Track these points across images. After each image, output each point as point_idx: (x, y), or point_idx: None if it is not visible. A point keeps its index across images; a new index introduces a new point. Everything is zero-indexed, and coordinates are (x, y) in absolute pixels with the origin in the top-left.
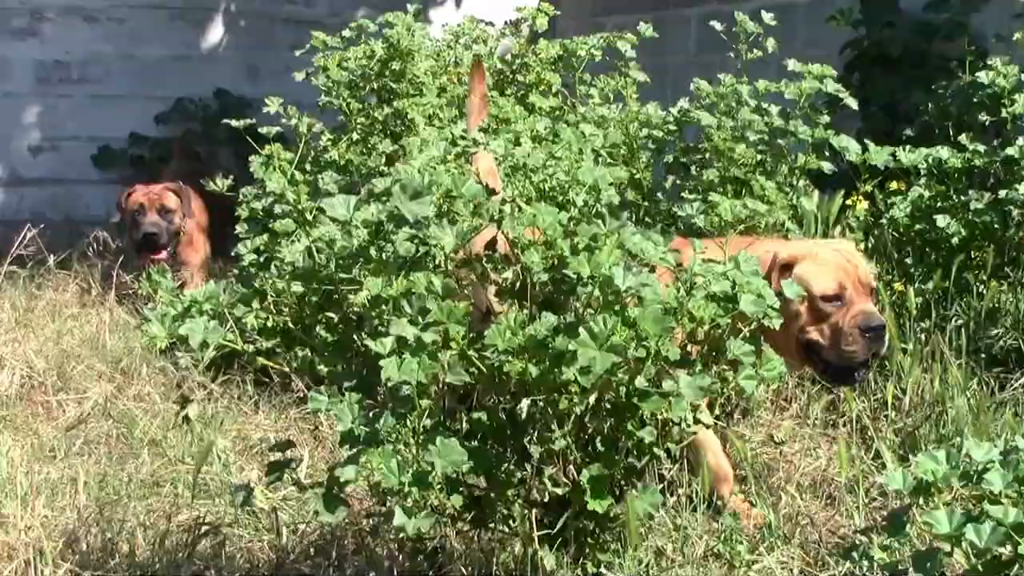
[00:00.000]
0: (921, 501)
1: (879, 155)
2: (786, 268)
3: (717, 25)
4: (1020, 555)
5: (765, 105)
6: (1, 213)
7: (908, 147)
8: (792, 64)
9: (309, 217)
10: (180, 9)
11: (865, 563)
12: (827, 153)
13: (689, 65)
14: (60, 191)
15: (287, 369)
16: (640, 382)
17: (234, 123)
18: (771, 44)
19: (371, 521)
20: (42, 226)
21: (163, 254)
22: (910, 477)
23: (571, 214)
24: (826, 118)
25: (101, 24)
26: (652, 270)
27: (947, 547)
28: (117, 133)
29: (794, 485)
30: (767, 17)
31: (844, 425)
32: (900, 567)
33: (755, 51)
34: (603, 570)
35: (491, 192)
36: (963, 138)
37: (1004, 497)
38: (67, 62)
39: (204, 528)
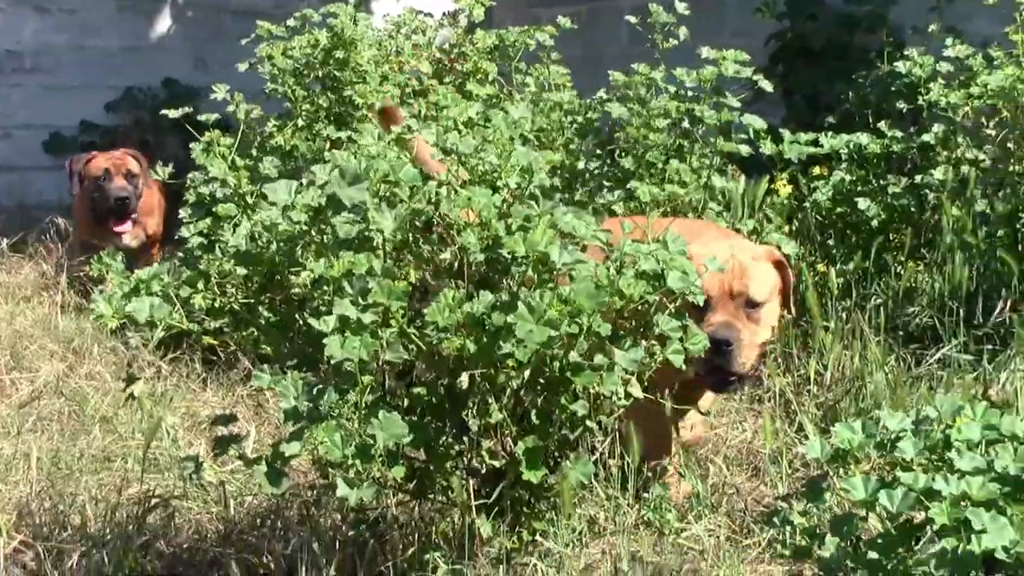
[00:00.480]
0: (839, 469)
1: (792, 147)
2: None
3: (632, 19)
4: (930, 519)
5: (669, 89)
6: None
7: (829, 133)
8: (706, 51)
9: (250, 200)
10: (131, 2)
11: (787, 528)
12: (748, 137)
13: (621, 56)
14: (13, 178)
15: (234, 348)
16: (573, 356)
17: (171, 113)
18: (683, 32)
19: (315, 493)
20: None
21: (128, 223)
22: (828, 447)
23: (504, 196)
24: (734, 102)
25: (52, 15)
26: (583, 249)
27: (862, 512)
28: (68, 121)
29: (721, 457)
30: (681, 7)
31: (769, 400)
32: (818, 531)
33: (671, 40)
34: (538, 538)
35: (427, 177)
36: (882, 125)
37: (916, 464)
38: (19, 52)
39: (154, 501)
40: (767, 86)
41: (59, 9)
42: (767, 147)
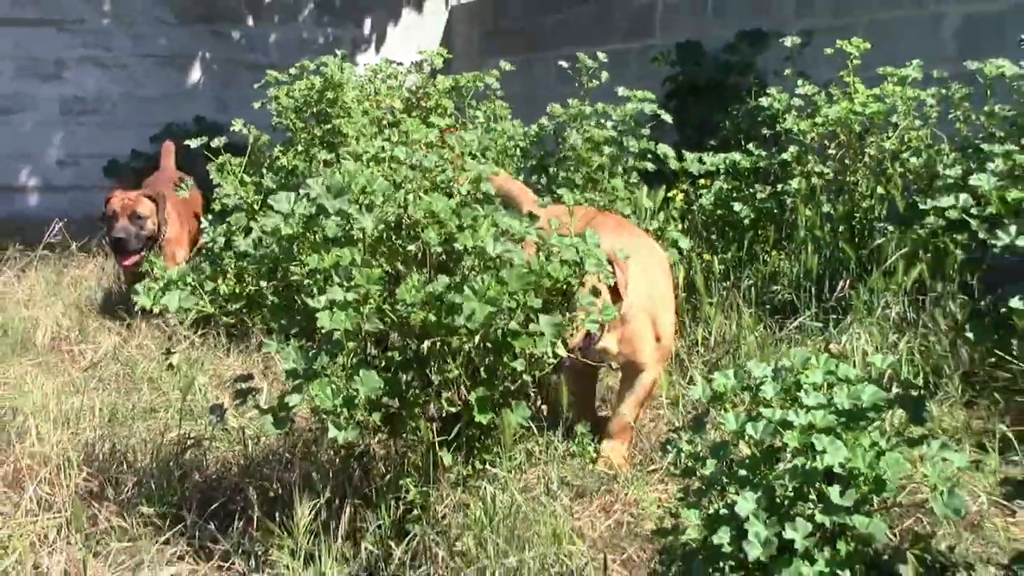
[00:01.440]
0: (718, 408)
1: (693, 164)
2: None
3: (564, 63)
4: (785, 444)
5: (604, 122)
6: (36, 212)
7: (712, 153)
8: (621, 91)
9: (256, 208)
10: (168, 57)
11: (681, 456)
12: (651, 158)
13: (552, 94)
14: (79, 195)
15: (248, 324)
16: (513, 325)
17: (193, 143)
18: (604, 76)
19: (312, 434)
20: (66, 220)
21: (133, 259)
22: (709, 390)
23: (457, 201)
24: (647, 131)
25: (109, 69)
26: (520, 242)
27: (734, 440)
28: (122, 151)
29: None
30: (602, 56)
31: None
32: (701, 456)
33: (594, 82)
34: (487, 466)
35: (398, 187)
36: (751, 146)
37: (774, 402)
38: (83, 98)
39: (189, 442)
40: (667, 118)
41: (114, 65)
42: (674, 164)
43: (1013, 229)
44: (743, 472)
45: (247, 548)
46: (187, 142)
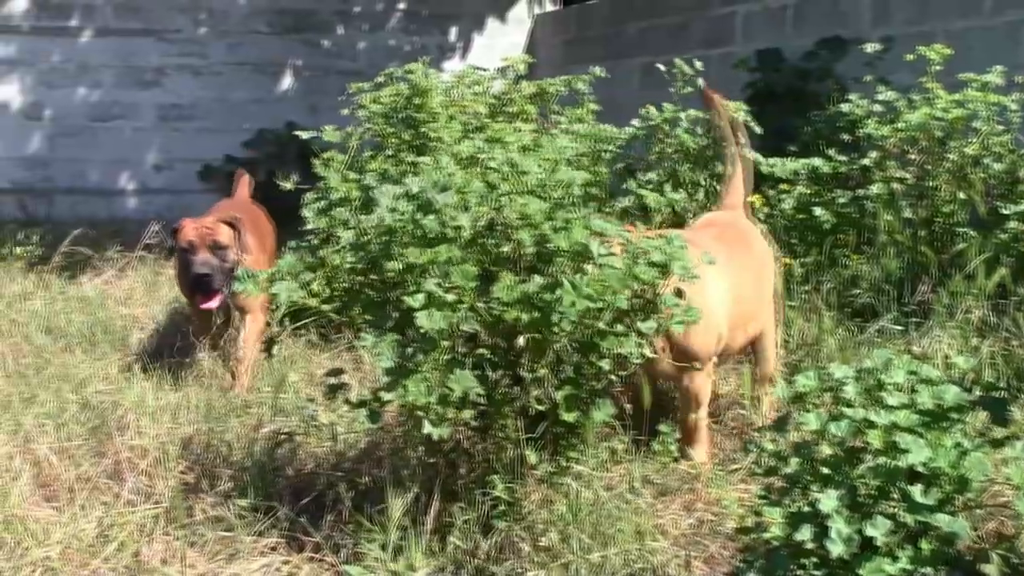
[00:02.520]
0: (800, 408)
1: (781, 167)
2: None
3: (661, 67)
4: (867, 443)
5: (695, 127)
6: (134, 214)
7: (792, 158)
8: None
9: (356, 204)
10: (261, 65)
11: (764, 456)
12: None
13: (633, 101)
14: (175, 198)
15: (339, 323)
16: (601, 325)
17: (303, 135)
18: (700, 82)
19: (402, 430)
20: (163, 223)
21: (216, 299)
22: (791, 390)
23: (551, 203)
24: None
25: (204, 77)
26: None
27: (816, 440)
28: (215, 155)
29: (713, 405)
30: (698, 64)
31: (749, 362)
32: (783, 455)
33: (689, 88)
34: (572, 464)
35: (492, 188)
36: (831, 152)
37: (856, 402)
38: (180, 104)
39: (281, 437)
40: (757, 128)
41: (209, 72)
42: (778, 169)
43: None
44: (825, 471)
45: (337, 541)
46: (298, 133)
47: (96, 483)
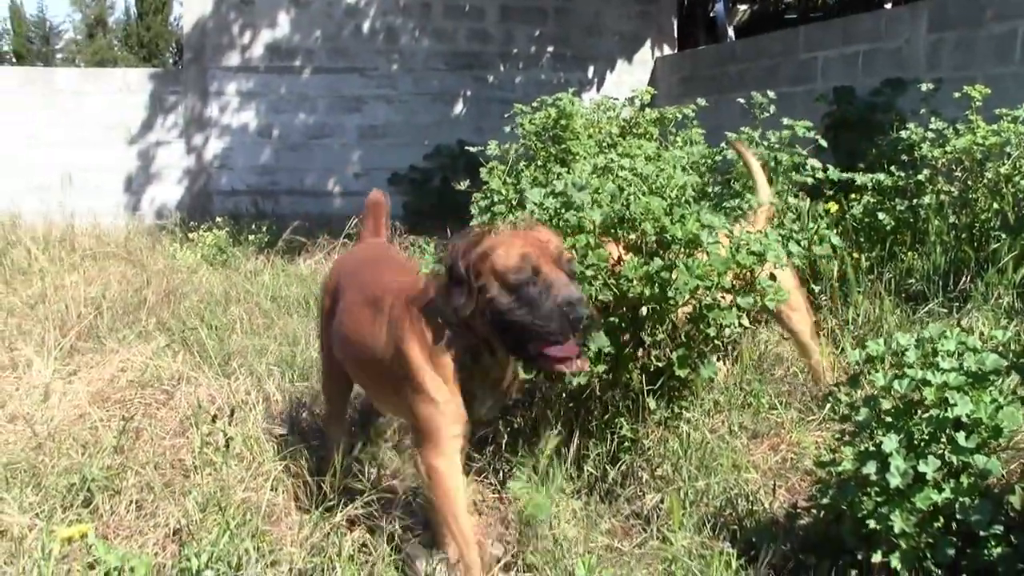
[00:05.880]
0: (869, 369)
1: (861, 177)
2: None
3: (742, 100)
4: (924, 397)
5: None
6: (339, 212)
7: (862, 173)
8: (786, 120)
9: (513, 203)
10: (439, 95)
11: (840, 406)
12: (809, 173)
13: (735, 128)
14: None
15: None
16: (708, 300)
17: (472, 148)
18: (772, 109)
19: (547, 380)
20: (361, 217)
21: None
22: (864, 353)
23: (669, 201)
24: (802, 151)
25: (394, 104)
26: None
27: (882, 394)
28: (402, 165)
29: (795, 366)
30: (771, 95)
31: (825, 335)
32: (856, 405)
33: (765, 113)
34: (683, 411)
35: (621, 190)
36: (892, 168)
37: (915, 364)
38: (375, 125)
39: None
40: (823, 143)
41: (398, 100)
42: (833, 175)
43: None
44: (888, 419)
45: (497, 466)
46: (468, 147)
47: (310, 416)
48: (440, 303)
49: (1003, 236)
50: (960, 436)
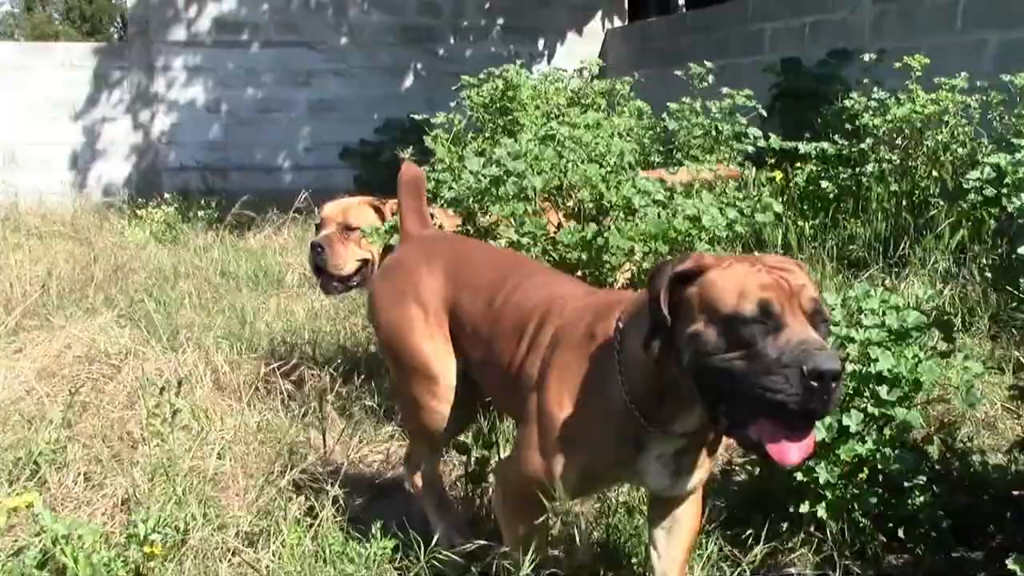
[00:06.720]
0: None
1: (805, 146)
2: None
3: (679, 73)
4: (848, 354)
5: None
6: (289, 186)
7: (807, 143)
8: (725, 90)
9: (457, 172)
10: (389, 68)
11: None
12: (760, 144)
13: (678, 96)
14: (322, 173)
15: None
16: (645, 265)
17: (417, 116)
18: (710, 78)
19: None
20: (310, 192)
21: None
22: None
23: (607, 169)
24: (742, 119)
25: (344, 77)
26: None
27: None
28: (352, 139)
29: None
30: (708, 65)
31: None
32: None
33: (703, 83)
34: None
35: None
36: (836, 138)
37: (841, 322)
38: (325, 99)
39: None
40: (762, 111)
41: (348, 75)
42: (775, 144)
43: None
44: None
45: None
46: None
47: (258, 387)
48: (627, 331)
49: (941, 203)
50: (882, 390)
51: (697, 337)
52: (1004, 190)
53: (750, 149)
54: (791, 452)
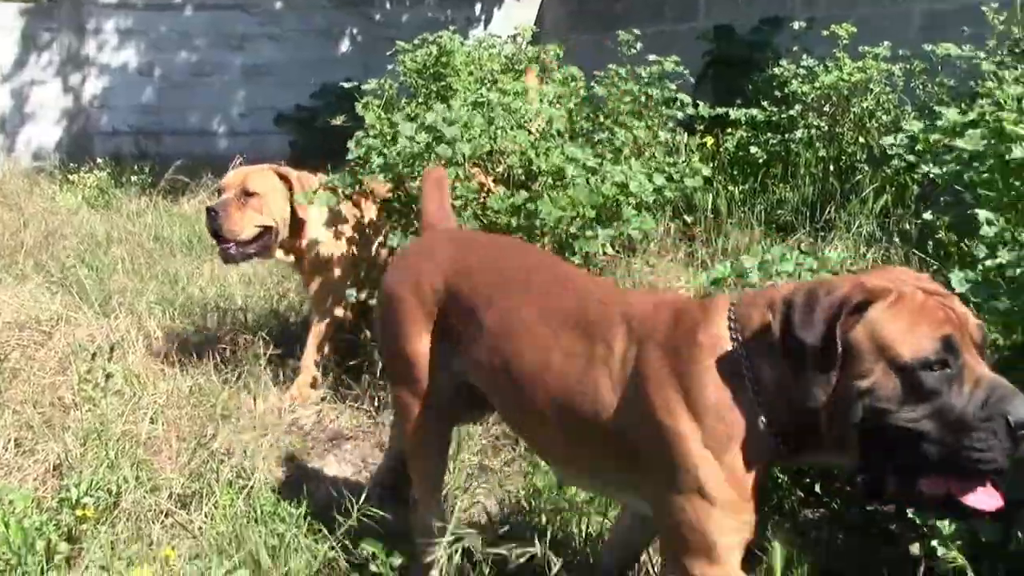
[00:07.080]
0: (717, 290)
1: (735, 112)
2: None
3: (609, 43)
4: None
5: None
6: (223, 152)
7: (737, 108)
8: (652, 57)
9: (388, 137)
10: (324, 32)
11: None
12: (689, 111)
13: (614, 62)
14: (257, 138)
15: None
16: (574, 229)
17: (345, 84)
18: (638, 45)
19: None
20: (244, 157)
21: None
22: (711, 276)
23: (537, 136)
24: (672, 85)
25: (279, 41)
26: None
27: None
28: (287, 105)
29: None
30: (636, 33)
31: (697, 264)
32: None
33: (632, 50)
34: None
35: (490, 123)
36: (766, 104)
37: (757, 285)
38: (260, 64)
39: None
40: (691, 79)
41: (283, 38)
42: (704, 112)
43: (931, 162)
44: None
45: (372, 394)
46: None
47: (190, 352)
48: (755, 347)
49: (866, 168)
50: None
51: (873, 392)
52: (914, 157)
53: (680, 115)
54: (988, 498)
